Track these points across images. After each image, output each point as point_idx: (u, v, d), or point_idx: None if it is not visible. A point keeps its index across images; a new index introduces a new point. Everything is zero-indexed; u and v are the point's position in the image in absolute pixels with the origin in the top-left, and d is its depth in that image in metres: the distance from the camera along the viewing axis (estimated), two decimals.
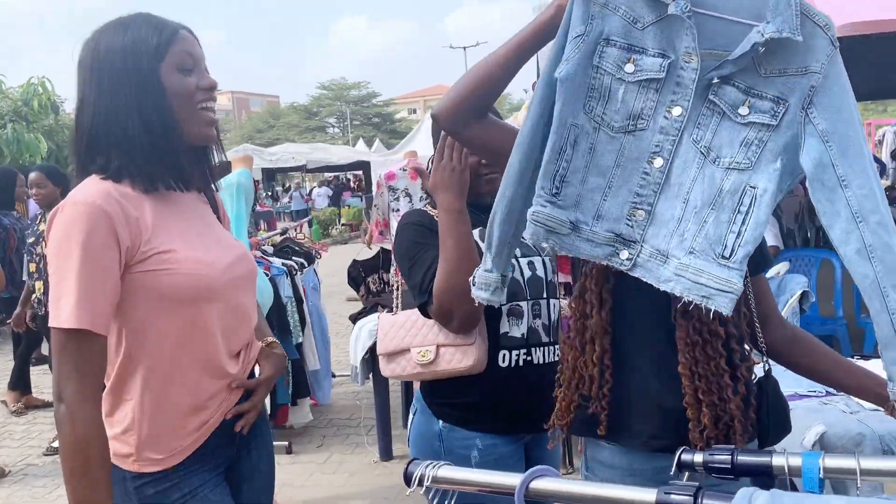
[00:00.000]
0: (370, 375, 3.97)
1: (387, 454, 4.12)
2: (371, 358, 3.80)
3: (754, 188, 1.18)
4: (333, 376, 5.37)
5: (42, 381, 5.90)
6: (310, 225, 16.80)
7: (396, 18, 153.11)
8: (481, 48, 51.25)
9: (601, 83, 1.23)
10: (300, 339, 4.45)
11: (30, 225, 4.87)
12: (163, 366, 1.37)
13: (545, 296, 1.88)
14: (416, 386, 2.12)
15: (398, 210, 5.17)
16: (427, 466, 1.03)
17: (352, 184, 27.80)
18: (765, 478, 1.02)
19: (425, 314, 1.82)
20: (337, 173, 27.72)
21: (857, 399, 2.00)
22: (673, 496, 0.87)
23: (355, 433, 4.55)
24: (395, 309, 1.97)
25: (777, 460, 1.01)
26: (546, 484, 0.97)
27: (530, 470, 0.98)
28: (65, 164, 8.84)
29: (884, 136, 14.58)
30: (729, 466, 1.05)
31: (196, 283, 1.36)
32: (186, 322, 1.38)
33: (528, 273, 1.87)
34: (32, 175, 4.50)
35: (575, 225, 1.25)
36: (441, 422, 1.83)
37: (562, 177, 1.24)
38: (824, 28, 1.15)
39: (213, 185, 1.60)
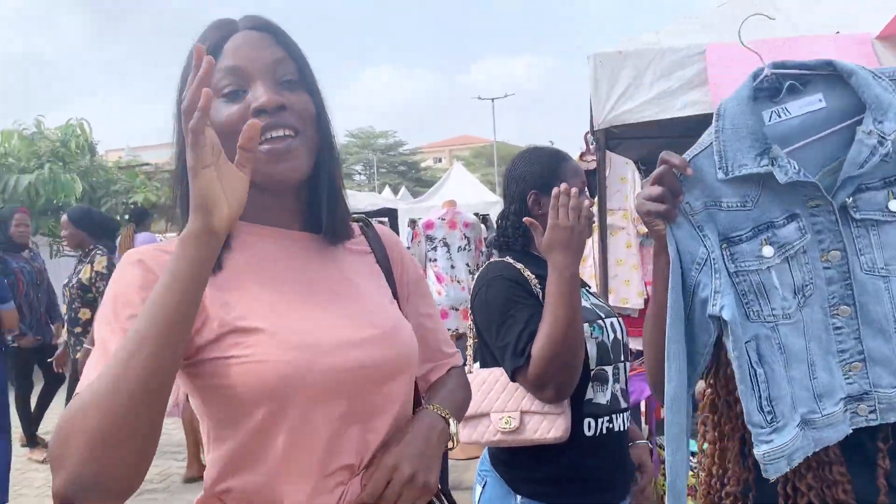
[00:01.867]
0: None
1: None
2: None
3: None
4: None
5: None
6: None
7: (422, 68, 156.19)
8: (509, 100, 51.76)
9: (751, 284, 1.14)
10: None
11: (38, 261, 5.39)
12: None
13: (622, 359, 1.78)
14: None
15: (435, 260, 5.07)
16: None
17: None
18: None
19: (514, 378, 1.66)
20: None
21: None
22: None
23: None
24: (468, 366, 1.80)
25: None
26: None
27: None
28: (98, 205, 8.90)
29: None
30: None
31: (278, 375, 0.93)
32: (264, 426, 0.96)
33: (611, 335, 1.75)
34: (63, 219, 4.78)
35: (806, 421, 1.13)
36: (520, 497, 1.67)
37: (767, 398, 1.12)
38: None
39: (345, 228, 1.13)
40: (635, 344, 3.53)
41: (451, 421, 1.11)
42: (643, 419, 3.70)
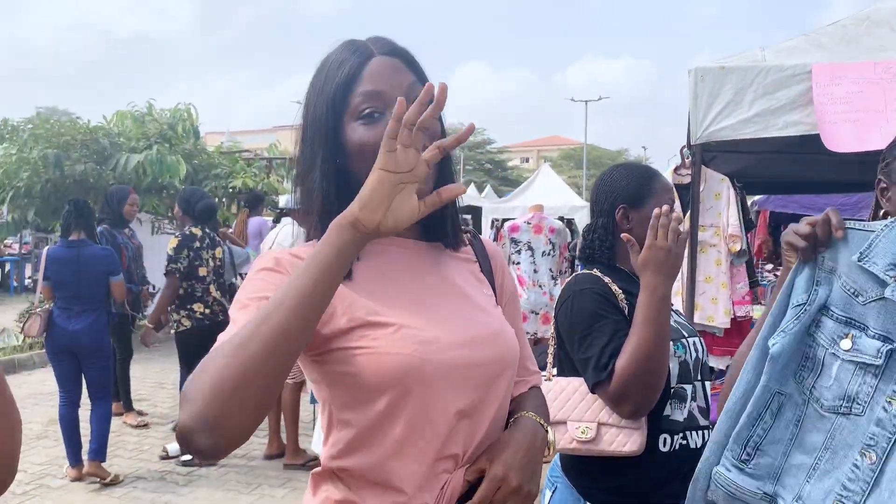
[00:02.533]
0: None
1: None
2: None
3: None
4: None
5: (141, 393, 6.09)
6: None
7: (517, 66, 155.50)
8: (603, 103, 50.94)
9: (815, 354, 1.16)
10: None
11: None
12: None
13: (700, 378, 1.80)
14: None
15: (518, 263, 5.11)
16: None
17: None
18: None
19: (594, 391, 1.69)
20: None
21: None
22: None
23: None
24: (549, 374, 1.85)
25: None
26: None
27: None
28: (200, 186, 9.32)
29: None
30: None
31: (400, 366, 1.02)
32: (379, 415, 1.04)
33: (693, 354, 1.77)
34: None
35: (773, 498, 1.17)
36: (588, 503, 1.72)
37: (756, 444, 1.18)
38: None
39: (460, 239, 1.23)
40: (718, 363, 3.49)
41: (549, 430, 1.20)
42: None
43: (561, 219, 7.45)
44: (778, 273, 8.73)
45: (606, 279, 1.76)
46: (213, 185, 9.50)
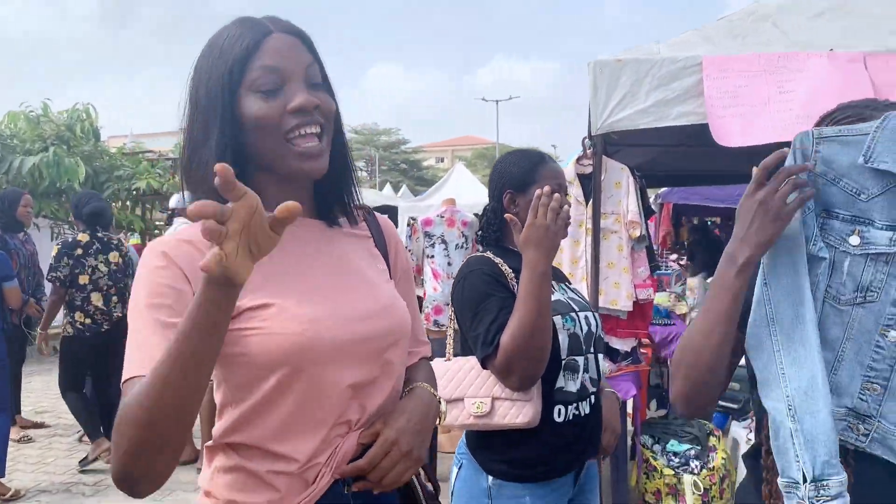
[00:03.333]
0: None
1: None
2: None
3: None
4: None
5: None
6: None
7: (430, 67, 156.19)
8: (514, 103, 51.63)
9: (824, 257, 1.19)
10: None
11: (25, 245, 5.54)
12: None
13: (593, 350, 1.89)
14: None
15: (433, 256, 5.15)
16: None
17: None
18: None
19: (485, 366, 1.76)
20: None
21: None
22: None
23: None
24: (448, 355, 1.91)
25: None
26: None
27: None
28: (101, 189, 8.95)
29: None
30: None
31: (291, 345, 1.04)
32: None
33: (585, 328, 1.86)
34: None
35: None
36: (491, 478, 1.78)
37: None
38: None
39: (355, 214, 1.26)
40: (623, 345, 3.62)
41: (441, 401, 1.26)
42: (629, 420, 3.79)
43: (476, 215, 7.52)
44: (682, 263, 9.03)
45: (497, 260, 1.83)
46: (116, 188, 9.16)
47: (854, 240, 1.16)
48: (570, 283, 2.07)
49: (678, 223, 11.36)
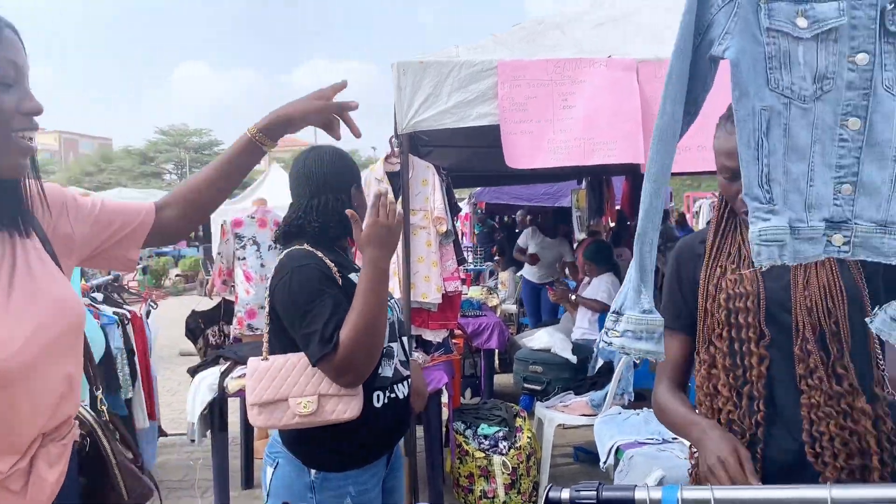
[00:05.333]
0: (207, 433, 3.73)
1: None
2: (210, 414, 3.59)
3: None
4: (164, 435, 5.00)
5: None
6: (144, 272, 15.85)
7: (240, 67, 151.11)
8: None
9: (779, 48, 1.07)
10: (130, 395, 4.12)
11: None
12: None
13: (398, 336, 1.97)
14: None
15: (244, 258, 5.00)
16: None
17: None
18: None
19: (317, 364, 1.73)
20: None
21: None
22: None
23: (188, 495, 4.25)
24: (264, 353, 1.86)
25: (639, 494, 1.05)
26: None
27: None
28: None
29: (700, 207, 16.34)
30: (594, 502, 1.07)
31: None
32: None
33: (392, 316, 1.92)
34: None
35: (793, 228, 1.10)
36: (314, 471, 1.78)
37: (767, 176, 1.09)
38: None
39: (28, 222, 1.23)
40: (435, 336, 3.76)
41: None
42: (444, 408, 3.93)
43: None
44: (497, 258, 9.44)
45: (319, 253, 1.82)
46: None
47: (801, 22, 1.06)
48: None
49: (492, 219, 12.12)
